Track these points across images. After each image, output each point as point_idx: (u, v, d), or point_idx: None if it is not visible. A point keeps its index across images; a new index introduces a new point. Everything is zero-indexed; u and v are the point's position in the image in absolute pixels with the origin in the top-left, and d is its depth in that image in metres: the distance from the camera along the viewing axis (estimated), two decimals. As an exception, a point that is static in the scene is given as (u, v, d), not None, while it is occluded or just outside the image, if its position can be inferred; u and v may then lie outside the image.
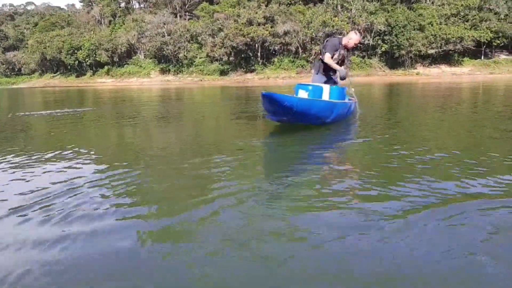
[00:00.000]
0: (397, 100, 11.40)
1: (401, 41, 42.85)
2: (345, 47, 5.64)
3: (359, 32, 6.10)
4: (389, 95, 14.08)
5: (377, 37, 45.24)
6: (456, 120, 6.12)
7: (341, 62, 5.71)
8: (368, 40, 45.57)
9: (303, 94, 5.24)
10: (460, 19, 44.10)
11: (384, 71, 45.42)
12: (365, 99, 10.79)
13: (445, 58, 44.56)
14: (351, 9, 45.25)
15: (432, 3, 47.48)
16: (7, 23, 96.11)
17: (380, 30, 44.22)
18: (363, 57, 46.79)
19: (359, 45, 5.54)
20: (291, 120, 4.81)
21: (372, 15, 44.29)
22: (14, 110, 10.39)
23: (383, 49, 45.15)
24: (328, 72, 5.75)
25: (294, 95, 5.17)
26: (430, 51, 44.36)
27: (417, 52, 43.14)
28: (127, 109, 10.19)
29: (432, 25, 43.59)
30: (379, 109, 8.09)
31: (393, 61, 45.57)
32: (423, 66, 45.06)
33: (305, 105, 4.72)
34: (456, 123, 5.75)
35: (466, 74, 40.86)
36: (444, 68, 44.15)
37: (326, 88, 5.30)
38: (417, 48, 42.68)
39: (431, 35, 43.00)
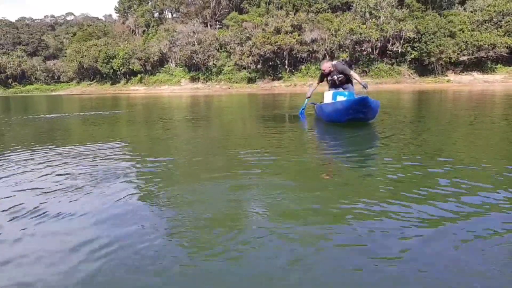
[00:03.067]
0: (425, 108, 10.95)
1: (431, 48, 42.28)
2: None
3: (326, 59, 7.48)
4: (417, 103, 13.78)
5: (406, 44, 44.86)
6: (488, 137, 4.99)
7: (340, 81, 6.98)
8: (397, 47, 45.27)
9: (341, 98, 6.47)
10: (493, 25, 43.08)
11: (413, 78, 44.91)
12: (393, 106, 10.97)
13: (478, 65, 43.53)
14: (379, 17, 45.14)
15: (464, 9, 46.66)
16: (48, 33, 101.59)
17: (409, 37, 43.86)
18: (392, 64, 46.47)
19: (335, 72, 7.00)
20: (364, 117, 6.07)
21: (401, 22, 44.01)
22: (61, 112, 11.28)
23: (412, 56, 44.70)
24: (335, 87, 7.07)
25: (331, 100, 6.61)
26: (462, 58, 43.54)
27: (447, 59, 42.41)
28: (161, 112, 10.88)
29: (463, 32, 42.81)
30: (404, 120, 7.22)
31: (422, 68, 44.97)
32: (454, 73, 44.20)
33: (375, 105, 6.03)
34: (488, 142, 4.67)
35: (499, 81, 39.78)
36: (477, 75, 43.12)
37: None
38: (447, 55, 41.97)
39: (462, 42, 42.22)
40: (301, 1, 53.08)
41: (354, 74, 6.92)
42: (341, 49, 47.00)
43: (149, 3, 70.70)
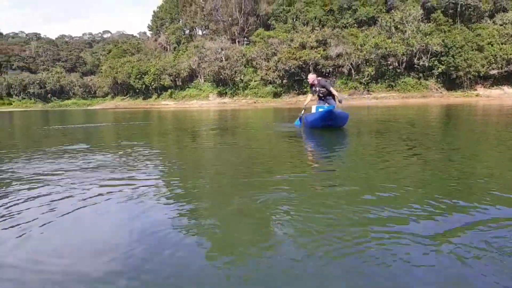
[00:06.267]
0: (453, 124, 10.70)
1: (458, 62, 41.89)
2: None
3: (312, 72, 9.02)
4: (445, 118, 13.41)
5: (433, 58, 44.59)
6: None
7: (322, 94, 8.67)
8: (424, 61, 45.04)
9: (320, 110, 8.00)
10: (524, 38, 42.26)
11: (441, 92, 44.45)
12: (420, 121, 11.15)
13: (508, 79, 42.62)
14: (405, 31, 45.19)
15: (494, 22, 45.98)
16: (86, 50, 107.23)
17: (436, 51, 43.61)
18: (418, 78, 46.20)
19: (316, 82, 8.75)
20: (333, 124, 7.73)
21: (427, 36, 43.89)
22: (97, 122, 12.38)
23: (439, 70, 44.34)
24: (323, 100, 8.72)
25: (314, 111, 8.26)
26: (492, 72, 42.81)
27: (476, 73, 41.82)
28: (190, 123, 11.79)
29: (492, 45, 42.19)
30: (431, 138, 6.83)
31: (450, 82, 44.46)
32: (483, 87, 43.45)
33: (342, 115, 7.86)
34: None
35: (531, 95, 38.81)
36: (507, 89, 42.19)
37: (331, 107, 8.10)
38: (476, 68, 41.41)
39: (491, 55, 41.59)
40: (327, 16, 53.89)
41: (333, 90, 8.59)
42: (367, 64, 47.20)
43: (180, 21, 73.44)
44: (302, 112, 9.51)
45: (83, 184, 3.50)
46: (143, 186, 3.36)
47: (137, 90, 67.19)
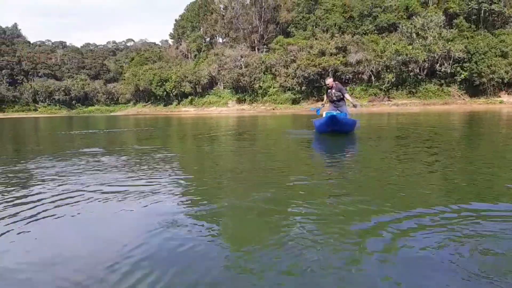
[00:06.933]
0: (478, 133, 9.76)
1: (481, 68, 41.09)
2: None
3: (330, 76, 8.99)
4: (467, 124, 13.01)
5: (455, 65, 43.87)
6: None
7: (337, 97, 8.73)
8: (446, 68, 44.35)
9: None
10: (550, 44, 41.13)
11: (463, 99, 43.63)
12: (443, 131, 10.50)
13: (534, 85, 41.52)
14: (427, 37, 44.63)
15: (518, 28, 45.00)
16: (110, 58, 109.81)
17: (458, 57, 42.90)
18: (440, 85, 45.48)
19: (332, 85, 8.72)
20: (338, 129, 7.83)
21: (449, 42, 43.26)
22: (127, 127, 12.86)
23: (462, 76, 43.57)
24: (335, 105, 8.79)
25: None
26: (517, 78, 41.79)
27: (499, 79, 40.91)
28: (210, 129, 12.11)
29: (516, 51, 41.26)
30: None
31: (473, 89, 43.58)
32: (507, 94, 42.41)
33: (349, 121, 8.04)
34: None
35: (558, 102, 37.62)
36: (532, 96, 41.12)
37: (341, 114, 8.27)
38: (499, 75, 40.52)
39: (516, 61, 40.66)
40: (347, 23, 53.80)
41: (347, 95, 8.78)
42: (387, 70, 46.77)
43: (201, 29, 74.52)
44: (321, 106, 9.98)
45: (104, 184, 3.71)
46: (159, 186, 3.50)
47: (158, 97, 68.48)
